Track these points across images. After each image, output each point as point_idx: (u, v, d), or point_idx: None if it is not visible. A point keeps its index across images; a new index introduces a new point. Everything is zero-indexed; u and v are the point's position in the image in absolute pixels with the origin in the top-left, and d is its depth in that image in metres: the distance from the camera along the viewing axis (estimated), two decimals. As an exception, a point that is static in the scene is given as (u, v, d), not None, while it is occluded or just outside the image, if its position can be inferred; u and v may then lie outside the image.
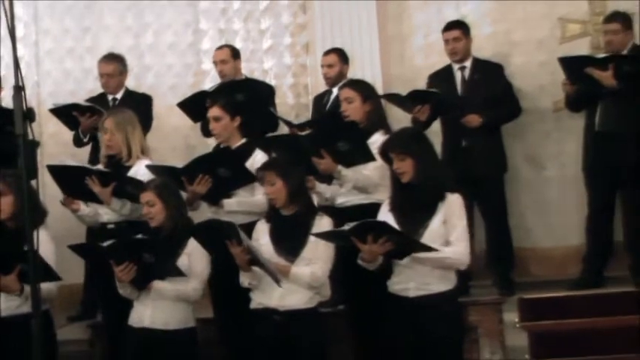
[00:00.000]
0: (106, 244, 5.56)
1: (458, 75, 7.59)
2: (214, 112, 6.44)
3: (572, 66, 7.10)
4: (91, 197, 6.30)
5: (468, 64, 7.60)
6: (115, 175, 6.28)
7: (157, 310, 5.69)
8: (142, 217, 6.17)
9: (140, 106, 7.33)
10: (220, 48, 8.00)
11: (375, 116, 6.17)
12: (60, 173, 6.35)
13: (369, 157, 5.85)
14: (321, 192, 6.22)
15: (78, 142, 7.53)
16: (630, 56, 7.14)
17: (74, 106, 7.31)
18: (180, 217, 5.83)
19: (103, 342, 6.62)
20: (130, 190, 6.18)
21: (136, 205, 6.23)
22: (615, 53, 7.17)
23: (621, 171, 7.16)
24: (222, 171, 6.10)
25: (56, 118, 7.47)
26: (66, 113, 7.32)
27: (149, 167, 6.28)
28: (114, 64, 7.68)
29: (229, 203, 6.18)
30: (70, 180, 6.31)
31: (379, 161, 5.72)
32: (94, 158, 7.14)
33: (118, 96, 7.71)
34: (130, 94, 7.74)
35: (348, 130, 5.98)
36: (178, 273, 5.61)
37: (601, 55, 7.14)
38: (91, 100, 7.67)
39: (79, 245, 5.83)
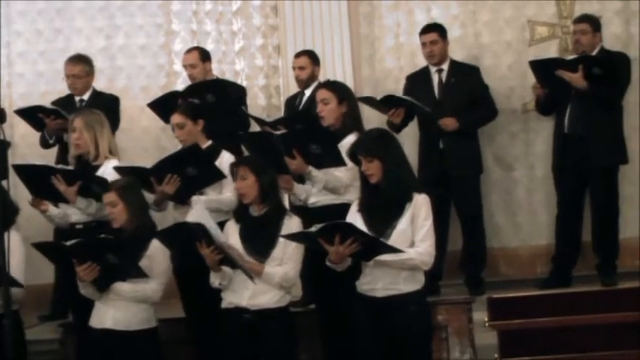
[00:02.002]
0: (69, 243, 5.54)
1: (435, 77, 7.62)
2: (176, 119, 6.41)
3: (542, 69, 7.16)
4: (58, 197, 6.31)
5: (445, 66, 7.63)
6: (81, 174, 6.29)
7: (118, 311, 5.67)
8: (107, 217, 6.19)
9: (108, 106, 7.31)
10: (189, 51, 8.01)
11: (350, 118, 6.18)
12: (26, 173, 6.35)
13: (340, 162, 5.89)
14: (298, 194, 6.24)
15: (44, 144, 7.54)
16: (599, 57, 7.21)
17: (39, 108, 7.31)
18: (142, 219, 5.82)
19: (73, 341, 6.61)
20: (95, 189, 6.19)
21: (101, 205, 6.24)
22: (583, 54, 7.26)
23: (589, 172, 7.23)
24: (191, 170, 6.11)
25: (22, 119, 7.48)
26: (31, 115, 7.32)
27: (117, 169, 6.28)
28: (80, 65, 7.66)
29: (197, 201, 6.20)
30: (37, 180, 6.31)
31: (350, 162, 5.76)
32: (60, 160, 7.13)
33: (85, 97, 7.69)
34: (97, 95, 7.72)
35: (321, 135, 6.00)
36: (141, 274, 5.60)
37: (570, 57, 7.21)
38: (58, 101, 7.68)
39: (43, 243, 5.79)
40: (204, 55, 7.93)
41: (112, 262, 5.52)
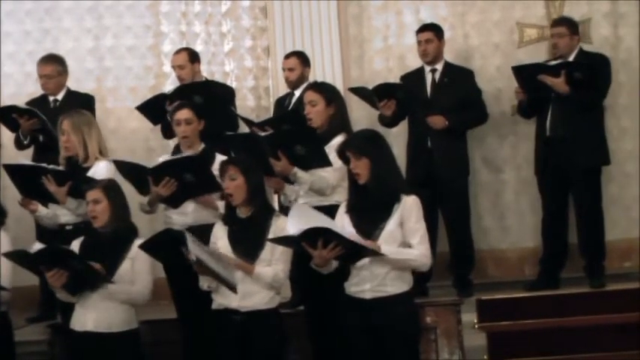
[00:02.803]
0: (33, 250, 5.51)
1: (428, 77, 7.63)
2: (185, 114, 6.39)
3: (525, 74, 7.20)
4: (48, 197, 6.30)
5: (439, 66, 7.64)
6: (71, 175, 6.28)
7: (99, 313, 5.64)
8: None
9: (83, 106, 7.26)
10: (177, 52, 7.97)
11: (338, 119, 6.18)
12: (16, 173, 6.34)
13: (326, 163, 5.90)
14: (288, 195, 6.24)
15: (19, 145, 7.51)
16: (581, 63, 7.24)
17: (12, 109, 7.29)
18: (124, 220, 5.80)
19: (61, 343, 6.61)
20: (86, 190, 6.18)
21: None
22: (562, 57, 7.30)
23: (572, 174, 7.25)
24: (189, 176, 6.12)
25: None
26: (5, 115, 7.30)
27: (116, 162, 6.29)
28: (52, 65, 7.66)
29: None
30: (27, 180, 6.31)
31: (338, 163, 5.77)
32: (37, 160, 7.13)
33: (59, 97, 7.68)
34: (71, 95, 7.70)
35: (306, 136, 6.00)
36: (108, 280, 5.57)
37: (553, 63, 7.24)
38: (32, 101, 7.68)
39: (13, 253, 5.71)
40: (193, 57, 7.91)
41: (78, 267, 5.48)
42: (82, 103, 7.43)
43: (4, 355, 5.84)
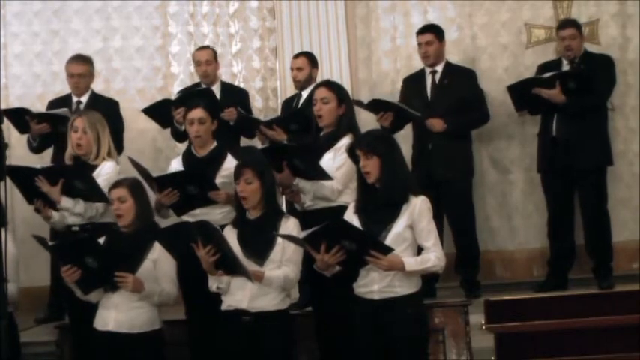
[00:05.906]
0: (51, 243, 5.52)
1: (429, 78, 7.60)
2: (199, 113, 6.36)
3: (520, 91, 7.25)
4: (46, 200, 6.23)
5: (439, 68, 7.61)
6: (61, 170, 6.23)
7: (121, 313, 5.63)
8: (97, 218, 6.18)
9: (109, 110, 7.24)
10: (202, 48, 8.01)
11: (346, 120, 6.15)
12: (17, 176, 6.21)
13: (324, 177, 5.91)
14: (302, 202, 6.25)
15: (30, 146, 7.51)
16: (574, 72, 7.27)
17: (25, 111, 7.28)
18: (149, 219, 5.81)
19: (69, 343, 6.61)
20: (78, 185, 6.14)
21: (89, 204, 6.22)
22: (574, 58, 7.34)
23: (576, 175, 7.26)
24: (192, 189, 6.13)
25: (7, 119, 7.42)
26: (18, 116, 7.27)
27: (131, 160, 6.29)
28: (86, 64, 7.64)
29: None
30: (27, 183, 6.21)
31: (344, 167, 5.82)
32: (56, 161, 7.13)
33: (84, 99, 7.64)
34: (96, 98, 7.69)
35: (302, 152, 5.99)
36: (117, 287, 5.56)
37: (546, 75, 7.22)
38: (55, 100, 7.68)
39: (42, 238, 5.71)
40: (215, 54, 7.96)
41: (91, 265, 5.47)
42: (107, 107, 7.41)
43: (10, 356, 5.84)
